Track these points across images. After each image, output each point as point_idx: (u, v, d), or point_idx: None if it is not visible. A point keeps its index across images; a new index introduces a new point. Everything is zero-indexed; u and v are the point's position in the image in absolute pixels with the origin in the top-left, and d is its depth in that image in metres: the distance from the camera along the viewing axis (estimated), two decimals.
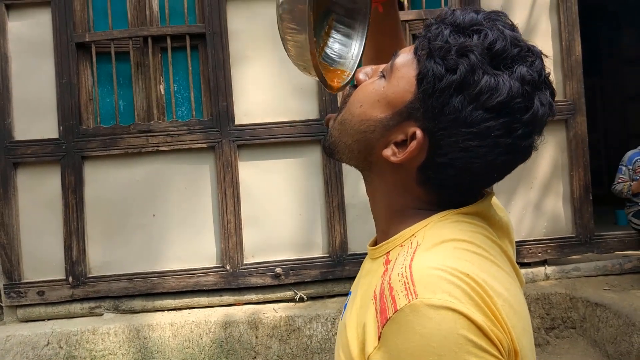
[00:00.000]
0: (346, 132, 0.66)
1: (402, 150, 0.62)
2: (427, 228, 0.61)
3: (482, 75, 0.55)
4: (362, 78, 0.68)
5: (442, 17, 0.60)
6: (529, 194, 3.30)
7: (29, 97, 3.17)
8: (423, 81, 0.59)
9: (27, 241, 3.15)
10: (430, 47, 0.58)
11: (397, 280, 0.54)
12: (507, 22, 0.60)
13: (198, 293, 3.14)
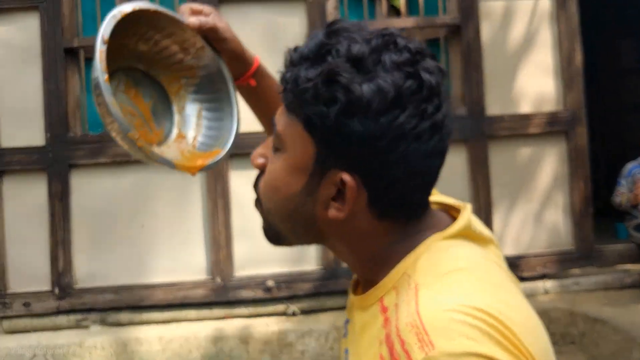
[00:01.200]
0: (280, 218, 0.61)
1: (343, 201, 0.57)
2: (418, 262, 0.57)
3: (361, 87, 0.52)
4: (261, 162, 0.63)
5: (289, 61, 0.58)
6: (529, 207, 3.23)
7: (15, 103, 3.09)
8: (313, 130, 0.55)
9: (12, 251, 3.08)
10: (296, 94, 0.55)
11: (407, 332, 0.50)
12: (348, 25, 0.57)
13: (187, 306, 3.06)
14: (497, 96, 3.22)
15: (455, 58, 3.27)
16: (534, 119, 3.21)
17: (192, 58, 0.80)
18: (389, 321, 0.54)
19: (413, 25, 3.21)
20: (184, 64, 0.81)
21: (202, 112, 0.82)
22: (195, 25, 0.77)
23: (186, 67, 0.81)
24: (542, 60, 3.25)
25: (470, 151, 3.17)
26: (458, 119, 3.18)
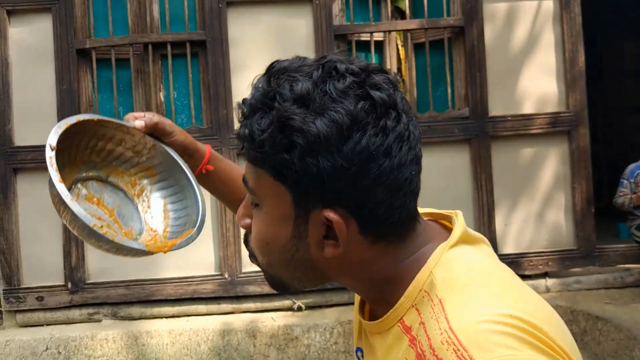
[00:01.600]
0: (280, 269, 0.60)
1: (335, 238, 0.56)
2: (433, 277, 0.56)
3: (315, 124, 0.52)
4: (247, 223, 0.63)
5: (240, 115, 0.58)
6: (531, 206, 3.28)
7: (29, 103, 3.17)
8: (282, 178, 0.54)
9: (26, 247, 3.16)
10: (255, 148, 0.55)
11: (444, 350, 0.49)
12: (286, 64, 0.56)
13: (196, 301, 3.14)
14: (500, 97, 3.26)
15: (459, 59, 3.31)
16: (536, 120, 3.26)
17: (147, 158, 0.84)
18: (417, 340, 0.54)
19: (417, 27, 3.26)
20: (140, 165, 0.84)
21: (167, 206, 0.85)
22: (142, 127, 0.82)
23: (144, 168, 0.85)
24: (545, 61, 3.29)
25: (473, 151, 3.22)
26: (462, 119, 3.23)
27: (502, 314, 0.49)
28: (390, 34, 3.43)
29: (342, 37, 3.29)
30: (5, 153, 3.14)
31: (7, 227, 3.13)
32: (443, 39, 3.27)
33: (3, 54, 3.15)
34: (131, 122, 0.83)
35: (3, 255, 3.14)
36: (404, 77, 3.50)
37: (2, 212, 3.13)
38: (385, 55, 3.42)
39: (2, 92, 3.15)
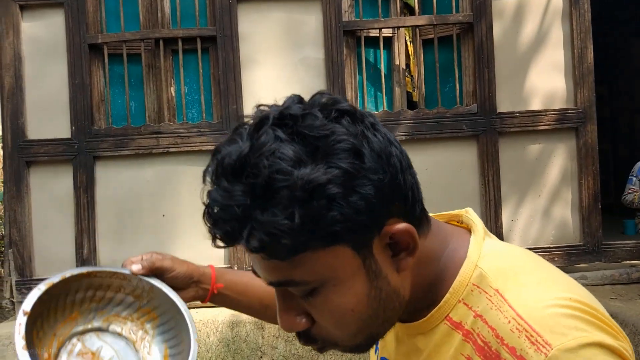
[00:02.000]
0: (370, 325, 0.56)
1: (400, 251, 0.55)
2: (480, 271, 0.57)
3: (335, 165, 0.49)
4: (304, 321, 0.56)
5: (228, 236, 0.51)
6: (537, 202, 3.30)
7: (42, 97, 3.21)
8: (333, 239, 0.50)
9: (39, 238, 3.21)
10: (287, 241, 0.48)
11: (515, 337, 0.49)
12: (232, 157, 0.50)
13: None
14: (508, 93, 3.28)
15: (468, 55, 3.33)
16: (544, 116, 3.27)
17: (147, 301, 0.80)
18: (475, 334, 0.54)
19: (426, 23, 3.27)
20: (142, 309, 0.81)
21: (167, 350, 0.81)
22: (139, 270, 0.78)
23: (146, 311, 0.81)
24: (553, 57, 3.30)
25: (481, 147, 3.24)
26: (469, 115, 3.25)
27: (562, 297, 0.50)
28: (399, 30, 3.45)
29: (351, 33, 3.31)
30: (19, 146, 3.18)
31: (20, 219, 3.18)
32: (452, 35, 3.29)
33: (16, 49, 3.19)
34: (128, 267, 0.79)
35: (16, 247, 3.18)
36: (412, 73, 3.52)
37: (15, 205, 3.18)
38: (394, 51, 3.44)
39: (15, 86, 3.19)
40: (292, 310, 0.56)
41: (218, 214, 0.51)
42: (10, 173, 3.19)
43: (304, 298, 0.55)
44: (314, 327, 0.56)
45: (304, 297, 0.54)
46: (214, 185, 0.52)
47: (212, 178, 0.52)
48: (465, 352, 0.55)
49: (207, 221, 0.53)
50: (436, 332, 0.59)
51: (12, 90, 3.19)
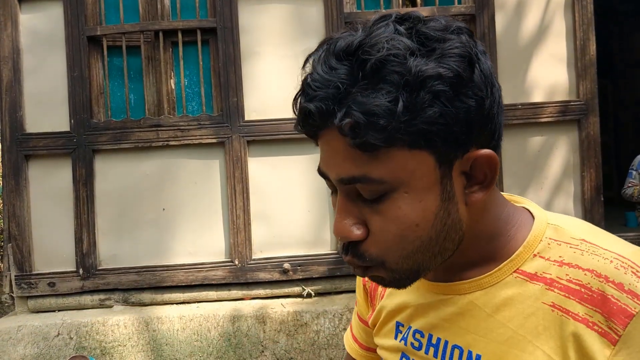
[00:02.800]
0: (424, 251, 0.55)
1: (477, 179, 0.55)
2: (556, 226, 0.59)
3: (447, 66, 0.50)
4: (362, 230, 0.54)
5: (318, 110, 0.50)
6: (539, 194, 3.28)
7: (40, 90, 3.18)
8: (422, 142, 0.50)
9: (38, 233, 3.18)
10: (381, 127, 0.49)
11: (621, 274, 0.52)
12: (352, 36, 0.52)
13: (207, 287, 3.16)
14: (510, 85, 3.26)
15: None
16: (546, 108, 3.26)
17: None
18: (563, 280, 0.54)
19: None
20: None
21: None
22: None
23: None
24: (555, 49, 3.28)
25: None
26: None
27: None
28: None
29: (352, 25, 3.28)
30: (17, 140, 3.15)
31: (19, 213, 3.15)
32: None
33: (14, 41, 3.16)
34: None
35: (15, 242, 3.16)
36: None
37: (14, 199, 3.15)
38: None
39: (13, 79, 3.16)
40: (352, 216, 0.54)
41: (316, 89, 0.50)
42: (8, 167, 3.16)
43: (370, 204, 0.53)
44: (367, 241, 0.55)
45: (371, 201, 0.53)
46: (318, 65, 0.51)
47: (318, 59, 0.52)
48: (549, 300, 0.55)
49: (301, 98, 0.53)
50: (502, 286, 0.58)
51: (10, 83, 3.16)
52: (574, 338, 0.53)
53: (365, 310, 0.78)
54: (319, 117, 0.51)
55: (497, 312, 0.58)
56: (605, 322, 0.51)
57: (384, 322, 0.71)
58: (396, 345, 0.68)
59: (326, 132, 0.53)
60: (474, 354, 0.59)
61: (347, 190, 0.54)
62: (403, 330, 0.67)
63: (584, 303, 0.53)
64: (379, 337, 0.72)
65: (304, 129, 0.54)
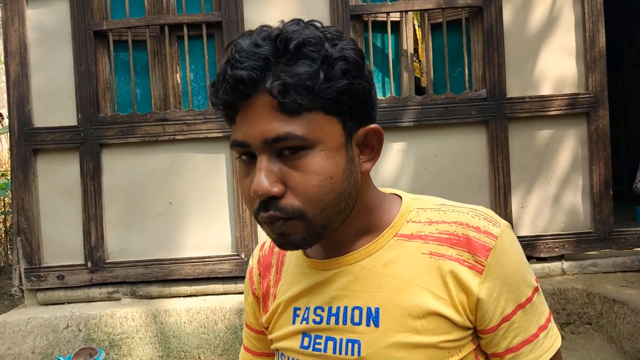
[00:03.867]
0: (333, 206, 0.64)
1: (366, 152, 0.68)
2: (418, 200, 0.73)
3: (352, 53, 0.62)
4: (281, 187, 0.62)
5: (252, 70, 0.59)
6: (547, 188, 3.25)
7: (47, 84, 3.20)
8: (333, 109, 0.62)
9: (46, 226, 3.22)
10: (305, 91, 0.60)
11: (476, 220, 0.67)
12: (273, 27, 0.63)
13: (213, 280, 3.18)
14: (518, 78, 3.22)
15: (477, 39, 3.28)
16: (555, 101, 3.22)
17: None
18: (435, 234, 0.68)
19: (435, 7, 3.22)
20: None
21: None
22: None
23: None
24: (564, 41, 3.24)
25: (490, 132, 3.20)
26: (479, 100, 3.20)
27: None
28: (407, 14, 3.40)
29: (358, 18, 3.26)
30: (25, 134, 3.18)
31: (27, 207, 3.18)
32: (461, 19, 3.23)
33: (21, 36, 3.18)
34: None
35: (24, 235, 3.19)
36: (420, 58, 3.47)
37: (22, 193, 3.18)
38: (402, 35, 3.39)
39: (21, 74, 3.18)
40: (272, 175, 0.62)
41: (245, 61, 0.59)
42: (17, 161, 3.19)
43: (290, 161, 0.61)
44: (287, 196, 0.62)
45: (291, 159, 0.61)
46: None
47: (240, 42, 0.61)
48: (427, 250, 0.68)
49: (228, 69, 0.60)
50: (387, 249, 0.69)
51: (18, 77, 3.18)
52: (451, 274, 0.66)
53: (255, 318, 0.84)
54: (249, 82, 0.59)
55: (386, 269, 0.69)
56: (472, 258, 0.66)
57: (280, 314, 0.76)
58: (295, 329, 0.73)
59: (253, 99, 0.60)
60: (372, 308, 0.68)
61: (268, 152, 0.62)
62: (301, 314, 0.73)
63: (454, 246, 0.67)
64: (275, 331, 0.76)
65: (231, 96, 0.61)
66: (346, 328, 0.69)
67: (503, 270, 0.66)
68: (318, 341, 0.70)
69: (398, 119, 3.16)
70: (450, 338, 0.66)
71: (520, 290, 0.66)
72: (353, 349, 0.68)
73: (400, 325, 0.66)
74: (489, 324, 0.66)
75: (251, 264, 0.84)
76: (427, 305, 0.65)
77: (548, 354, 0.68)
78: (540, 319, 0.68)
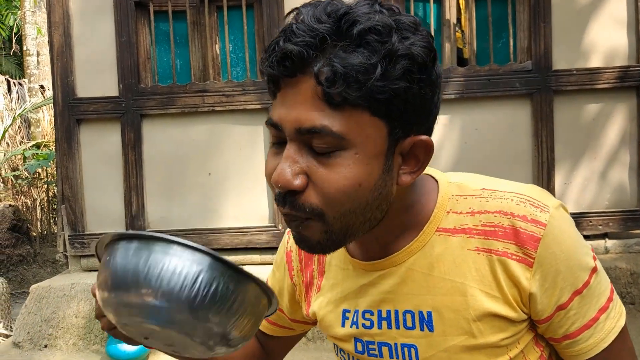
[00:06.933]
0: (357, 215, 0.58)
1: (409, 163, 0.60)
2: (457, 184, 0.66)
3: (419, 52, 0.55)
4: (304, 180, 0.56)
5: (306, 51, 0.53)
6: (593, 164, 3.15)
7: (90, 55, 3.25)
8: (382, 110, 0.55)
9: (89, 195, 3.29)
10: (354, 85, 0.52)
11: (522, 208, 0.61)
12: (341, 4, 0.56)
13: (251, 250, 3.22)
14: (565, 49, 3.11)
15: (523, 9, 3.16)
16: (603, 74, 3.10)
17: None
18: (479, 226, 0.63)
19: None
20: None
21: None
22: None
23: None
24: (615, 11, 3.10)
25: (534, 106, 3.10)
26: (523, 72, 3.11)
27: None
28: None
29: None
30: (69, 104, 3.24)
31: (71, 175, 3.26)
32: None
33: (65, 7, 3.22)
34: None
35: (68, 203, 3.28)
36: (463, 28, 3.38)
37: (66, 161, 3.26)
38: (444, 5, 3.29)
39: (64, 45, 3.23)
40: (296, 166, 0.56)
41: (301, 35, 0.53)
42: (61, 130, 3.26)
43: (319, 157, 0.56)
44: (307, 192, 0.56)
45: (321, 155, 0.55)
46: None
47: (303, 13, 0.55)
48: (472, 246, 0.63)
49: (281, 41, 0.54)
50: (430, 246, 0.65)
51: (62, 48, 3.23)
52: (501, 269, 0.62)
53: (281, 296, 0.82)
54: (298, 60, 0.53)
55: (433, 270, 0.64)
56: (521, 250, 0.61)
57: (328, 313, 0.73)
58: (347, 333, 0.71)
59: (297, 79, 0.54)
60: (424, 312, 0.65)
61: (299, 141, 0.56)
62: (350, 316, 0.70)
63: (500, 239, 0.62)
64: (326, 328, 0.74)
65: (275, 70, 0.55)
66: (400, 333, 0.66)
67: (555, 259, 0.61)
68: (371, 347, 0.69)
69: None
70: (508, 335, 0.63)
71: (575, 275, 0.62)
72: (410, 353, 0.66)
73: (455, 329, 0.64)
74: (543, 314, 0.63)
75: (288, 245, 0.80)
76: (481, 307, 0.62)
77: (610, 336, 0.64)
78: (600, 300, 0.63)
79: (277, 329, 0.87)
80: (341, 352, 0.74)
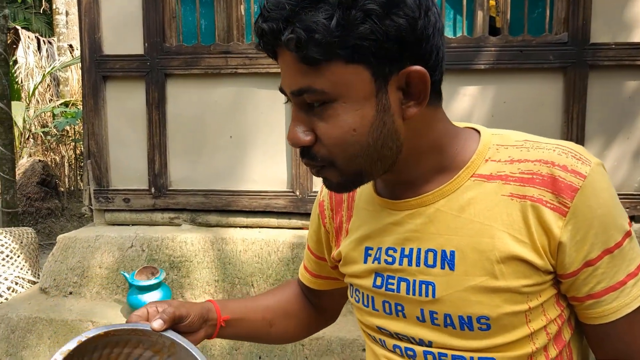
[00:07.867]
0: (364, 156, 0.63)
1: (411, 98, 0.62)
2: (500, 135, 0.68)
3: None
4: (311, 136, 0.63)
5: (278, 18, 0.57)
6: (625, 145, 3.03)
7: (117, 12, 3.25)
8: (357, 57, 0.56)
9: (114, 151, 3.37)
10: (320, 41, 0.56)
11: (563, 158, 0.62)
12: None
13: (269, 214, 3.26)
14: (605, 21, 2.94)
15: None
16: None
17: (168, 356, 0.77)
18: (517, 174, 0.64)
19: None
20: None
21: None
22: (161, 326, 0.74)
23: None
24: None
25: (567, 81, 2.98)
26: (558, 44, 2.97)
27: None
28: None
29: None
30: (96, 61, 3.27)
31: (97, 131, 3.33)
32: None
33: None
34: (146, 324, 0.76)
35: (94, 158, 3.36)
36: None
37: (92, 118, 3.32)
38: None
39: (92, 1, 3.24)
40: (302, 125, 0.63)
41: (270, 11, 0.57)
42: (88, 87, 3.31)
43: (316, 111, 0.61)
44: (317, 144, 0.63)
45: (317, 108, 0.60)
46: None
47: None
48: (507, 192, 0.64)
49: (258, 21, 0.59)
50: (464, 190, 0.66)
51: (89, 4, 3.24)
52: (534, 216, 0.62)
53: (320, 244, 0.88)
54: (271, 36, 0.58)
55: (463, 212, 0.66)
56: (556, 199, 0.62)
57: (351, 252, 0.76)
58: (367, 268, 0.73)
59: (279, 50, 0.60)
60: (447, 251, 0.66)
61: (298, 102, 0.62)
62: (373, 253, 0.73)
63: (537, 186, 0.63)
64: (347, 267, 0.78)
65: (263, 48, 0.61)
66: (419, 270, 0.68)
67: (590, 212, 0.61)
68: (391, 281, 0.70)
69: (468, 61, 2.99)
70: (530, 282, 0.63)
71: (609, 234, 0.62)
72: (427, 290, 0.67)
73: (477, 269, 0.64)
74: (570, 267, 0.63)
75: (321, 196, 0.86)
76: (506, 249, 0.63)
77: (635, 302, 0.63)
78: (630, 266, 0.63)
79: (321, 281, 0.92)
80: (356, 292, 0.77)
